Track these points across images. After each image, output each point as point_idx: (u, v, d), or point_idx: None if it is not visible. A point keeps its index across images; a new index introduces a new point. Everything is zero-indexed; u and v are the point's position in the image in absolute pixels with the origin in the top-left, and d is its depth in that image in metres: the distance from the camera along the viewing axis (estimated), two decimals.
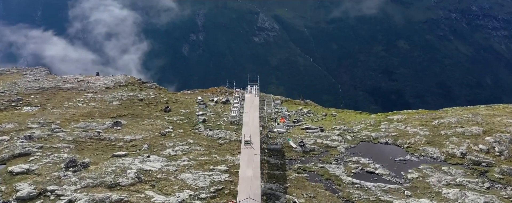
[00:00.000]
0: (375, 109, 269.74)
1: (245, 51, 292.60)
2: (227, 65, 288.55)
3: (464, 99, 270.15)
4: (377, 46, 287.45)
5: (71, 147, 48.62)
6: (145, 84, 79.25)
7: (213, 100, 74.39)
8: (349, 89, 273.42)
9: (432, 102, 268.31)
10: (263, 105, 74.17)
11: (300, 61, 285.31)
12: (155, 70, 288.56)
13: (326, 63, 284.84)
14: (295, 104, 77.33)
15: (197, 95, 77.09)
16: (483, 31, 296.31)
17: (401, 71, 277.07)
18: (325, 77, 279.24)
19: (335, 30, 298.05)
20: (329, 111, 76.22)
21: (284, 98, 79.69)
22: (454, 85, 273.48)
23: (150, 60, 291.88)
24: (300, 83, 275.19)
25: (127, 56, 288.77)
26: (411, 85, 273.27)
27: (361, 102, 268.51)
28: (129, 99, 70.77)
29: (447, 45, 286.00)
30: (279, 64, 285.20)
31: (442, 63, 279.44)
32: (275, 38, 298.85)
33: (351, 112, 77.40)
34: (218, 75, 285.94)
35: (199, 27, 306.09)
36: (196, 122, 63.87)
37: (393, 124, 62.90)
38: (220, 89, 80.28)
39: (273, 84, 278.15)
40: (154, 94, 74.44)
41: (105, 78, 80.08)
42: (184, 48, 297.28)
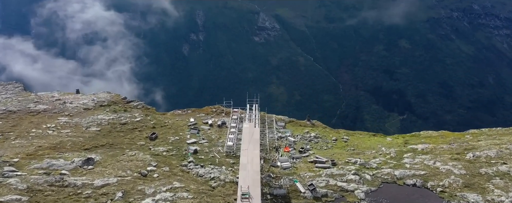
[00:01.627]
0: (376, 108, 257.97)
1: (246, 51, 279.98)
2: (227, 65, 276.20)
3: (466, 99, 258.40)
4: (378, 45, 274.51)
5: (22, 201, 37.06)
6: (130, 104, 67.33)
7: (207, 123, 62.57)
8: (350, 89, 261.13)
9: (434, 102, 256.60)
10: (264, 127, 62.53)
11: (301, 61, 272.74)
12: (152, 74, 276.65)
13: (327, 63, 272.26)
14: (300, 126, 65.49)
15: (190, 117, 65.23)
16: (485, 30, 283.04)
17: (402, 71, 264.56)
18: (326, 77, 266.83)
19: (336, 30, 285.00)
20: (339, 133, 64.36)
21: (288, 119, 67.79)
22: (456, 85, 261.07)
23: (146, 66, 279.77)
24: (300, 83, 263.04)
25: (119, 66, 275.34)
26: (412, 85, 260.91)
27: (362, 101, 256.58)
28: (110, 124, 58.95)
29: (449, 44, 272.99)
30: (280, 64, 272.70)
31: (443, 63, 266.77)
32: (276, 37, 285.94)
33: (363, 134, 65.57)
34: (218, 75, 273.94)
35: (199, 26, 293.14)
36: (186, 154, 52.17)
37: (419, 157, 51.01)
38: (216, 109, 68.41)
39: (274, 84, 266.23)
40: (140, 116, 62.59)
41: (85, 97, 68.23)
42: (184, 48, 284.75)
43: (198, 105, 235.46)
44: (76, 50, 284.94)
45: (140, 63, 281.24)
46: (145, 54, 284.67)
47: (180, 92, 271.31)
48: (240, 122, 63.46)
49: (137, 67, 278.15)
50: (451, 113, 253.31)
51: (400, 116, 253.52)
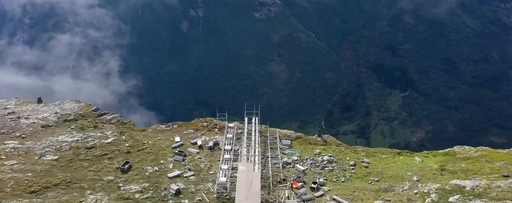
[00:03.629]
0: (378, 86, 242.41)
1: (246, 27, 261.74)
2: (228, 42, 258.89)
3: (469, 75, 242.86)
4: (382, 21, 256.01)
5: None
6: (102, 118, 52.65)
7: (196, 144, 48.18)
8: (352, 66, 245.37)
9: (436, 78, 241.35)
10: (265, 147, 48.41)
11: (302, 37, 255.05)
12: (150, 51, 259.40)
13: (328, 40, 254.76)
14: (310, 144, 51.09)
15: (175, 133, 50.81)
16: (492, 4, 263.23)
17: (405, 47, 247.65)
18: (327, 54, 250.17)
19: (338, 5, 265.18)
20: (357, 154, 50.08)
21: (295, 135, 53.18)
22: (460, 60, 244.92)
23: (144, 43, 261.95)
24: (302, 61, 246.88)
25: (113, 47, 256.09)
26: (415, 62, 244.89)
27: (364, 79, 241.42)
28: (72, 149, 44.66)
29: (454, 19, 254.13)
30: (281, 40, 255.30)
31: (448, 38, 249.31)
32: (277, 13, 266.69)
33: (386, 153, 51.24)
34: (218, 52, 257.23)
35: (198, 2, 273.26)
36: (165, 196, 38.27)
37: (472, 202, 37.01)
38: (208, 122, 53.84)
39: (274, 62, 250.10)
40: (112, 136, 48.17)
41: (47, 108, 53.49)
42: (183, 25, 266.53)
43: (197, 84, 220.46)
44: None
45: (137, 40, 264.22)
46: (143, 31, 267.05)
47: (179, 70, 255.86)
48: (236, 141, 49.23)
49: (134, 45, 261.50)
50: (453, 89, 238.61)
51: (402, 93, 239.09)
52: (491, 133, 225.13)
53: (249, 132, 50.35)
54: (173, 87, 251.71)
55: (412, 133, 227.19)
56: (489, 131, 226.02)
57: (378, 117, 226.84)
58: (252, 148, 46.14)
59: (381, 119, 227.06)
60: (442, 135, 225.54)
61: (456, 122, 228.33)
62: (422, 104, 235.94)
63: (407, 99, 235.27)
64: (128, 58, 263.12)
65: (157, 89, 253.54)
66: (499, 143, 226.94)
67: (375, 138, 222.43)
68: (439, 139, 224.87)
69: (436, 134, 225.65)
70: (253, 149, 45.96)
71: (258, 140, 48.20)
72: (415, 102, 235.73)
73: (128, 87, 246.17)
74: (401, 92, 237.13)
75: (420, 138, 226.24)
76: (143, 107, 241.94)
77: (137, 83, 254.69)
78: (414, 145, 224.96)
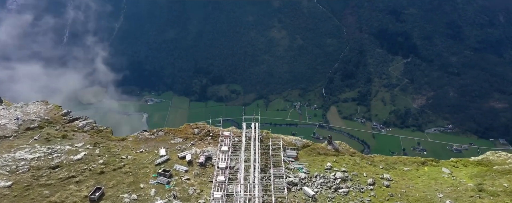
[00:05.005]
0: (380, 52, 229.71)
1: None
2: (227, 8, 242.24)
3: (473, 39, 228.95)
4: None
5: None
6: (73, 124, 42.79)
7: (185, 159, 38.81)
8: (355, 32, 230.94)
9: (440, 44, 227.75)
10: (266, 160, 39.13)
11: (304, 2, 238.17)
12: (146, 17, 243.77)
13: (330, 4, 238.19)
14: (319, 154, 41.61)
15: (160, 143, 41.31)
16: None
17: (409, 12, 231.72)
18: (329, 19, 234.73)
19: None
20: (375, 166, 40.71)
21: (301, 143, 43.47)
22: (465, 25, 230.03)
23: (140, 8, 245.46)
24: (303, 27, 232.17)
25: None
26: (419, 26, 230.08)
27: (366, 45, 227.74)
28: (31, 170, 35.37)
29: None
30: (282, 6, 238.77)
31: (454, 2, 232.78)
32: None
33: (408, 164, 41.93)
34: (218, 18, 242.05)
35: None
36: None
37: None
38: (199, 128, 44.05)
39: (275, 28, 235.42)
40: (84, 149, 38.74)
41: (6, 112, 43.44)
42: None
43: (197, 51, 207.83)
44: None
45: (134, 7, 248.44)
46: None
47: (178, 37, 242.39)
48: (233, 154, 39.74)
49: (130, 13, 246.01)
50: (456, 54, 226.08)
51: (404, 59, 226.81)
52: (493, 99, 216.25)
53: (248, 139, 40.95)
54: (172, 54, 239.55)
55: (413, 99, 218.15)
56: (491, 96, 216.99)
57: (379, 84, 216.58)
58: (252, 165, 36.96)
59: (382, 85, 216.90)
60: (443, 101, 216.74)
61: (458, 88, 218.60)
62: (424, 70, 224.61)
63: (409, 65, 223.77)
64: (125, 25, 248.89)
65: (156, 56, 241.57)
66: (500, 108, 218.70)
67: (376, 105, 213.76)
68: (440, 105, 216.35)
69: (436, 100, 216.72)
70: (252, 166, 36.79)
71: (258, 154, 38.82)
72: (417, 68, 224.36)
73: (124, 58, 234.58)
74: (403, 59, 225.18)
75: (420, 104, 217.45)
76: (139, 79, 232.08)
77: (135, 52, 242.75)
78: (414, 111, 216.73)
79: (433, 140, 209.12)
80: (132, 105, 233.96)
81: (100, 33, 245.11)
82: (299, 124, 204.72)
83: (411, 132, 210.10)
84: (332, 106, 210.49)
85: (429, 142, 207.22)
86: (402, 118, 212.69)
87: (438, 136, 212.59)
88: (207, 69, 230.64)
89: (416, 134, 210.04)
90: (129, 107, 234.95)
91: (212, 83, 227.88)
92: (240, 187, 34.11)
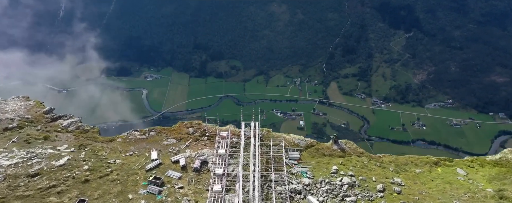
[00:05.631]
0: (382, 26, 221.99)
1: None
2: None
3: (478, 12, 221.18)
4: None
5: None
6: (56, 124, 38.64)
7: (178, 163, 35.02)
8: (356, 6, 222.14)
9: (443, 17, 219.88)
10: (267, 164, 35.39)
11: None
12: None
13: None
14: (324, 155, 37.73)
15: (152, 145, 37.39)
16: None
17: None
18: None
19: None
20: (384, 169, 36.97)
21: (305, 142, 39.38)
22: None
23: None
24: (304, 1, 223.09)
25: None
26: None
27: (367, 19, 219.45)
28: (8, 179, 31.66)
29: None
30: None
31: None
32: None
33: (420, 165, 38.14)
34: None
35: None
36: None
37: None
38: (194, 127, 39.91)
39: (275, 2, 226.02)
40: (67, 153, 34.89)
41: None
42: None
43: (196, 26, 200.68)
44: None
45: None
46: None
47: (177, 11, 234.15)
48: (231, 157, 35.88)
49: None
50: (460, 28, 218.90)
51: (406, 33, 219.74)
52: (494, 72, 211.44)
53: (248, 139, 37.02)
54: (171, 30, 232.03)
55: (414, 74, 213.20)
56: (492, 70, 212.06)
57: (380, 59, 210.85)
58: (251, 171, 33.18)
59: (383, 61, 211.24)
60: (444, 76, 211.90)
61: (460, 62, 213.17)
62: (426, 44, 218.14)
63: (411, 40, 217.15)
64: None
65: (155, 32, 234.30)
66: (501, 82, 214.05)
67: (376, 81, 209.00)
68: (441, 80, 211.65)
69: (438, 75, 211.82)
70: (252, 173, 33.02)
71: (258, 157, 34.97)
72: (419, 42, 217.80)
73: (122, 33, 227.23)
74: (405, 33, 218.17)
75: (421, 79, 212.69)
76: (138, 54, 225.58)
77: (133, 26, 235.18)
78: (415, 87, 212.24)
79: (433, 115, 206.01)
80: (132, 81, 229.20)
81: (97, 6, 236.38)
82: (299, 100, 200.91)
83: (411, 107, 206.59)
84: (333, 82, 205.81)
85: (429, 117, 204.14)
86: (403, 93, 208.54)
87: (438, 111, 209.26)
88: (207, 45, 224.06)
89: (416, 109, 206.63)
90: (128, 83, 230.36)
91: (212, 59, 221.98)
92: (239, 198, 30.49)
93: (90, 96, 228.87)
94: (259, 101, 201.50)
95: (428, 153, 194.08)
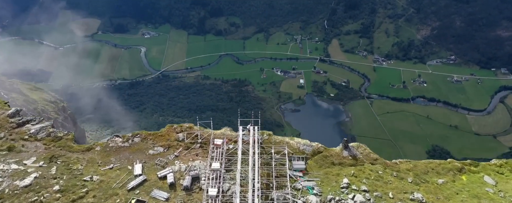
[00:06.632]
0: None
1: None
2: None
3: None
4: None
5: None
6: (23, 130, 32.38)
7: (166, 181, 29.42)
8: None
9: None
10: (268, 177, 29.86)
11: None
12: None
13: None
14: (333, 164, 32.01)
15: (136, 155, 31.54)
16: None
17: None
18: None
19: None
20: (402, 180, 31.44)
21: (311, 148, 33.27)
22: None
23: None
24: None
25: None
26: None
27: None
28: None
29: None
30: None
31: None
32: None
33: (441, 171, 32.60)
34: None
35: None
36: None
37: None
38: (184, 131, 33.64)
39: None
40: (35, 168, 29.11)
41: None
42: None
43: None
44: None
45: None
46: None
47: None
48: (227, 170, 30.16)
49: None
50: None
51: None
52: (500, 27, 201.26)
53: (246, 145, 31.18)
54: None
55: (417, 30, 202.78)
56: (498, 24, 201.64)
57: (383, 15, 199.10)
58: (250, 188, 27.72)
59: (387, 16, 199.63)
60: (448, 31, 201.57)
61: (465, 17, 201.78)
62: None
63: None
64: None
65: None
66: (506, 37, 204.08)
67: (379, 37, 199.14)
68: (445, 35, 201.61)
69: (442, 30, 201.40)
70: (251, 190, 27.59)
71: (258, 170, 29.28)
72: None
73: None
74: None
75: (424, 35, 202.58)
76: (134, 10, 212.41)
77: None
78: (418, 43, 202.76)
79: (434, 72, 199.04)
80: (129, 38, 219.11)
81: None
82: (300, 58, 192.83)
83: (412, 64, 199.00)
84: (334, 39, 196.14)
85: (430, 74, 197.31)
86: (405, 50, 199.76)
87: (440, 68, 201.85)
88: (205, 0, 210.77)
89: (418, 66, 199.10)
90: (125, 40, 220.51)
91: (211, 16, 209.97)
92: (236, 190, 25.40)
93: (87, 53, 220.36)
94: (259, 59, 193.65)
95: (427, 110, 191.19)
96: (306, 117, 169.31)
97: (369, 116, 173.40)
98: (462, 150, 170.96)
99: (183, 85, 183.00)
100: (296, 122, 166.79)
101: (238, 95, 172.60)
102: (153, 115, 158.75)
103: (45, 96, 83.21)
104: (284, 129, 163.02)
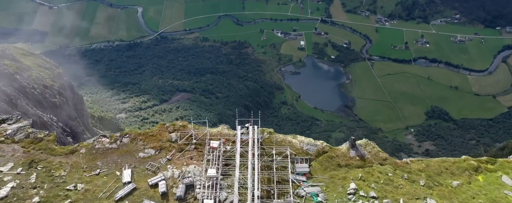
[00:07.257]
0: None
1: None
2: None
3: None
4: None
5: None
6: (0, 129, 28.94)
7: (157, 189, 26.37)
8: None
9: None
10: (269, 183, 26.80)
11: None
12: None
13: None
14: (339, 166, 28.75)
15: (124, 158, 28.23)
16: None
17: None
18: None
19: None
20: (414, 183, 28.35)
21: (315, 148, 29.71)
22: None
23: None
24: None
25: None
26: None
27: None
28: None
29: None
30: None
31: None
32: None
33: (455, 171, 29.59)
34: None
35: None
36: None
37: None
38: (177, 131, 29.98)
39: None
40: (12, 175, 25.98)
41: None
42: None
43: None
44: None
45: None
46: None
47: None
48: (224, 174, 27.05)
49: None
50: None
51: None
52: None
53: (245, 145, 27.89)
54: None
55: None
56: None
57: None
58: (249, 196, 24.86)
59: None
60: None
61: None
62: None
63: None
64: None
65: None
66: None
67: None
68: None
69: None
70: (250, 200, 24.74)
71: (258, 176, 26.22)
72: None
73: None
74: None
75: None
76: None
77: None
78: (422, 1, 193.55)
79: (438, 32, 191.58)
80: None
81: None
82: (301, 19, 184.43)
83: (416, 24, 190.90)
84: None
85: (434, 34, 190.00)
86: (409, 9, 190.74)
87: (444, 27, 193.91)
88: None
89: (421, 26, 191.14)
90: None
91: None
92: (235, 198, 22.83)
93: (82, 13, 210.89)
94: (259, 20, 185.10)
95: (429, 71, 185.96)
96: (306, 79, 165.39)
97: (369, 78, 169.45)
98: (461, 111, 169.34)
99: (182, 47, 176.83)
100: (296, 84, 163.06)
101: (238, 58, 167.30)
102: (153, 77, 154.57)
103: (40, 62, 78.28)
104: (284, 91, 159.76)
